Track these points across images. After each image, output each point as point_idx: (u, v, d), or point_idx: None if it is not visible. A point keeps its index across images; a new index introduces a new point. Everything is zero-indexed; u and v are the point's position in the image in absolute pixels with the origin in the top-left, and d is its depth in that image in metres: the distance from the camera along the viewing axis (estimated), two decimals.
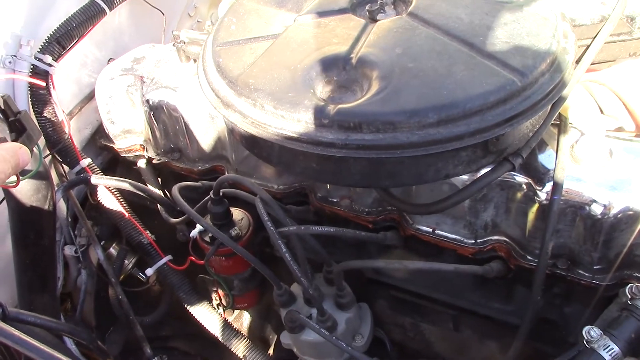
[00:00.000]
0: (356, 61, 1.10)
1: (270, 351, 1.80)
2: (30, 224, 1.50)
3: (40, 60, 1.59)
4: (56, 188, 1.61)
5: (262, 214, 1.33)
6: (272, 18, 1.28)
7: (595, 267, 1.29)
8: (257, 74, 1.13)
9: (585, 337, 1.05)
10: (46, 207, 1.49)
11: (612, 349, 1.03)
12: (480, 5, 1.18)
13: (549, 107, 1.15)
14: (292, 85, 1.09)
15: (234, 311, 1.82)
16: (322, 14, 1.24)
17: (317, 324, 1.41)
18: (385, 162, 1.04)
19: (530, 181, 1.25)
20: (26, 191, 1.44)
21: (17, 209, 1.47)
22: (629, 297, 1.06)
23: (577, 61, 1.22)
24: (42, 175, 1.47)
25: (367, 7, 1.22)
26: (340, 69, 1.10)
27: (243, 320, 1.88)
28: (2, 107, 1.18)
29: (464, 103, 1.00)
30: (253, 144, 1.16)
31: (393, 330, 1.65)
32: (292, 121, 1.05)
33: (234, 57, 1.19)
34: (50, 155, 1.66)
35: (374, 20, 1.21)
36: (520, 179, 1.26)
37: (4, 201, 1.49)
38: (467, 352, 1.58)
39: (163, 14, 2.00)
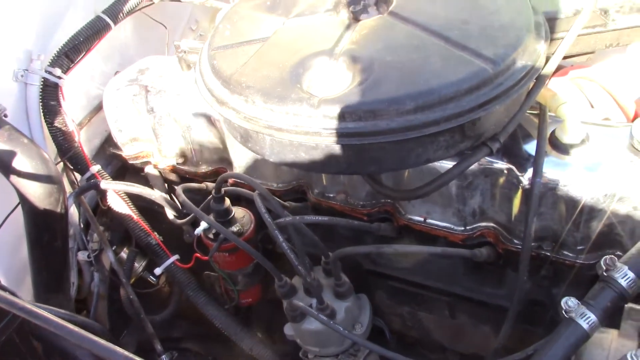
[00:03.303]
0: (339, 57, 1.18)
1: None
2: (43, 226, 1.59)
3: (50, 73, 1.69)
4: (67, 195, 1.70)
5: (259, 207, 1.41)
6: (263, 23, 1.37)
7: (578, 247, 1.35)
8: (249, 73, 1.22)
9: (564, 307, 1.10)
10: (58, 210, 1.58)
11: (589, 317, 1.08)
12: (456, 2, 1.26)
13: (525, 94, 1.23)
14: (281, 81, 1.17)
15: (239, 307, 1.89)
16: (308, 16, 1.33)
17: (317, 312, 1.48)
18: (369, 148, 1.12)
19: (513, 167, 1.32)
20: (39, 195, 1.53)
21: (31, 212, 1.56)
22: (604, 268, 1.12)
23: (552, 53, 1.29)
24: (53, 180, 1.56)
25: (350, 9, 1.31)
26: (325, 64, 1.18)
27: (250, 314, 1.95)
28: None
29: (439, 90, 1.07)
30: (247, 138, 1.24)
31: (392, 320, 1.72)
32: (280, 114, 1.13)
33: (228, 59, 1.28)
34: (61, 163, 1.75)
35: (357, 20, 1.29)
36: (503, 165, 1.33)
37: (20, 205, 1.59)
38: (463, 337, 1.64)
39: (166, 27, 2.10)
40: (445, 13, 1.23)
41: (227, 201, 1.61)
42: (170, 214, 1.79)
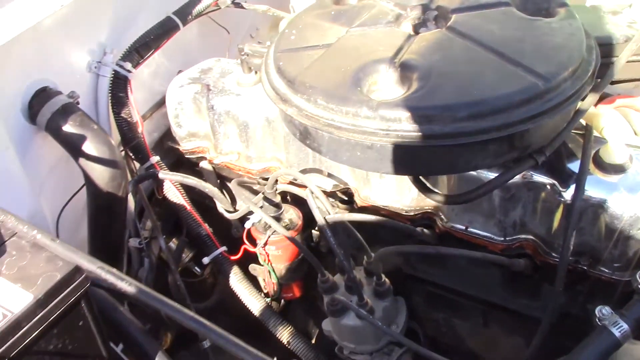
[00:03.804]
0: (399, 65, 1.26)
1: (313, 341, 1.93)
2: (104, 208, 1.70)
3: (121, 66, 1.81)
4: None
5: (310, 202, 1.49)
6: (327, 31, 1.46)
7: (615, 264, 1.40)
8: (312, 75, 1.31)
9: (597, 315, 1.15)
10: (120, 193, 1.69)
11: (622, 326, 1.13)
12: (512, 21, 1.34)
13: (573, 111, 1.29)
14: (342, 84, 1.25)
15: (280, 302, 1.97)
16: (370, 27, 1.42)
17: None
18: (421, 151, 1.19)
19: (556, 182, 1.38)
20: (103, 178, 1.64)
21: (95, 193, 1.67)
22: (639, 282, 1.17)
23: (601, 76, 1.35)
24: (118, 165, 1.67)
25: (410, 22, 1.39)
26: (384, 71, 1.27)
27: (289, 312, 2.03)
28: None
29: (491, 101, 1.15)
30: (306, 135, 1.32)
31: (427, 325, 1.78)
32: (340, 114, 1.21)
33: (293, 61, 1.37)
34: (124, 152, 1.87)
35: (416, 33, 1.37)
36: (546, 180, 1.39)
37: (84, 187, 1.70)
38: (495, 347, 1.68)
39: (228, 32, 2.22)
40: (501, 31, 1.31)
41: (279, 197, 1.70)
42: (221, 208, 1.88)
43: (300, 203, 1.76)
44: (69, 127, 1.61)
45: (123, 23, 1.88)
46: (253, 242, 1.75)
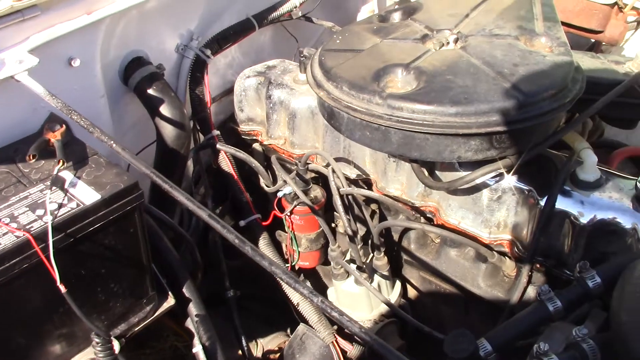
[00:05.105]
0: (412, 69, 1.57)
1: None
2: (167, 161, 2.07)
3: (202, 52, 2.20)
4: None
5: (330, 177, 1.80)
6: (367, 40, 1.79)
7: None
8: (344, 69, 1.64)
9: (537, 291, 1.40)
10: (182, 151, 2.05)
11: (556, 302, 1.37)
12: (514, 50, 1.63)
13: (551, 129, 1.56)
14: (365, 77, 1.58)
15: (298, 276, 2.26)
16: (400, 40, 1.74)
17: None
18: (416, 136, 1.49)
19: (533, 189, 1.63)
20: (172, 135, 2.01)
21: (162, 148, 2.04)
22: (578, 270, 1.41)
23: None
24: (185, 128, 2.04)
25: (434, 41, 1.71)
26: (400, 73, 1.58)
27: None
28: None
29: (477, 104, 1.44)
30: (332, 115, 1.65)
31: (417, 307, 2.03)
32: (357, 99, 1.54)
33: (332, 58, 1.71)
34: (192, 121, 2.24)
35: (436, 49, 1.68)
36: (526, 186, 1.64)
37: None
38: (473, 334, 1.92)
39: (297, 41, 2.58)
40: (502, 56, 1.60)
41: (309, 175, 2.02)
42: (263, 182, 2.22)
43: (327, 187, 2.07)
44: (151, 91, 2.00)
45: (210, 17, 2.28)
46: (282, 211, 2.07)
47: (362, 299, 1.90)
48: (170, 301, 1.76)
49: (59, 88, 1.61)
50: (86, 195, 1.46)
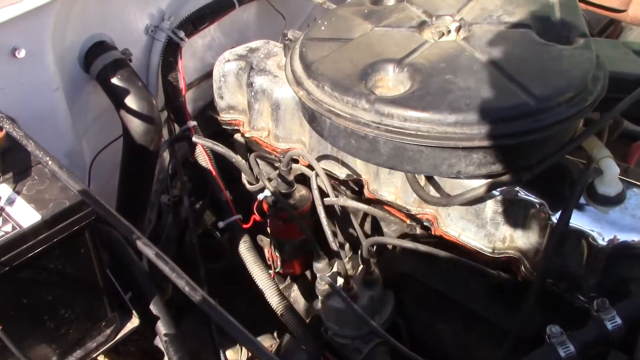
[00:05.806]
0: (406, 67, 1.34)
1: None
2: (136, 158, 1.86)
3: (175, 34, 1.97)
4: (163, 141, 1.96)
5: (312, 184, 1.59)
6: (355, 26, 1.55)
7: (591, 294, 1.43)
8: (327, 64, 1.41)
9: (547, 332, 1.20)
10: (151, 147, 1.84)
11: (568, 347, 1.17)
12: (524, 43, 1.39)
13: (568, 136, 1.34)
14: (350, 75, 1.35)
15: (286, 279, 2.07)
16: (393, 28, 1.50)
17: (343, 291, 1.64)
18: (408, 148, 1.27)
19: (545, 203, 1.42)
20: (139, 130, 1.80)
21: (129, 144, 1.84)
22: (595, 308, 1.20)
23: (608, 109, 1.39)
24: (154, 122, 1.83)
25: (432, 29, 1.47)
26: (391, 70, 1.35)
27: (291, 288, 2.13)
28: None
29: (479, 111, 1.21)
30: (313, 118, 1.43)
31: (413, 323, 1.84)
32: (341, 102, 1.31)
33: (314, 49, 1.48)
34: (165, 111, 2.02)
35: (435, 40, 1.45)
36: (536, 199, 1.43)
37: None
38: (470, 354, 1.73)
39: (284, 18, 2.34)
40: (511, 50, 1.36)
41: (292, 176, 1.80)
42: (245, 179, 2.01)
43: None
44: (116, 80, 1.78)
45: None
46: (264, 214, 1.86)
47: (349, 316, 1.71)
48: (135, 321, 1.59)
49: (1, 84, 1.40)
50: (24, 215, 1.26)
